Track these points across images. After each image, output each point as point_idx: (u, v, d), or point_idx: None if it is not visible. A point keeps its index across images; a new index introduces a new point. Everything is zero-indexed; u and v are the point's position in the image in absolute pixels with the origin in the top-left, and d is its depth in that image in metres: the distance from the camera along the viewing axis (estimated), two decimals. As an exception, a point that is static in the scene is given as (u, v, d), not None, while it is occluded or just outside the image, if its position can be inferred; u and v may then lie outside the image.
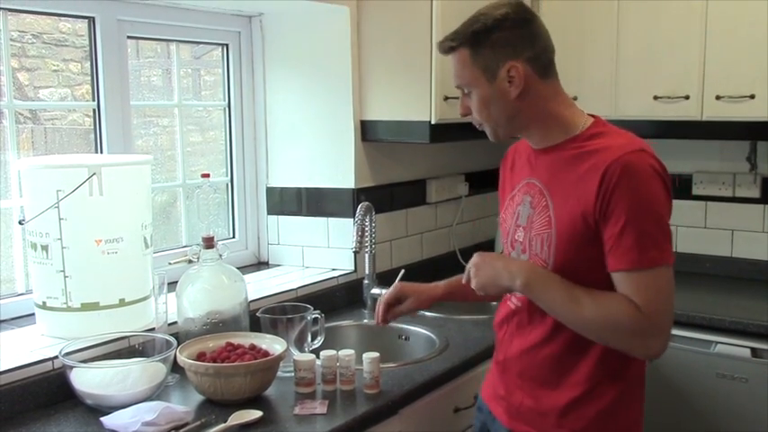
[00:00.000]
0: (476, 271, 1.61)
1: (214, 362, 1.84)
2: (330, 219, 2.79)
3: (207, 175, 2.22)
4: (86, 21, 2.32)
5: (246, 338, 1.98)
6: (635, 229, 1.45)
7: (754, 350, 2.48)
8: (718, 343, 2.54)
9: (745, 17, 2.66)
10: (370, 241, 2.65)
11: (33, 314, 2.04)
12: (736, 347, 2.51)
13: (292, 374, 1.92)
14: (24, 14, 2.22)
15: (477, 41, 1.56)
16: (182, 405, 1.77)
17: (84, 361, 1.84)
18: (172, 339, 1.92)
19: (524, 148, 1.72)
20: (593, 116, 1.63)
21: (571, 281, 1.52)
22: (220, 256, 2.10)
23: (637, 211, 1.46)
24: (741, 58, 2.68)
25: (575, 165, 1.53)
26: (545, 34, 1.63)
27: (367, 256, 2.68)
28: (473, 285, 1.62)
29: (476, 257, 1.62)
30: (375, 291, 2.67)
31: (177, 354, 1.85)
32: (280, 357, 1.88)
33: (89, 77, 2.36)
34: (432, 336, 2.38)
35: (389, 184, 2.92)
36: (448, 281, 1.97)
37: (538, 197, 1.60)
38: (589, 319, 1.49)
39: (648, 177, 1.48)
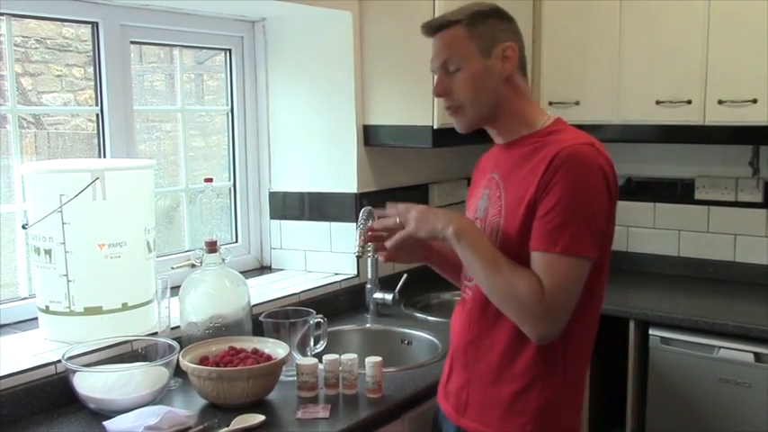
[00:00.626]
0: (417, 213, 1.61)
1: (217, 366, 1.84)
2: (333, 223, 2.79)
3: (210, 180, 2.23)
4: (90, 26, 2.33)
5: (249, 342, 1.98)
6: (560, 215, 1.47)
7: (757, 355, 2.48)
8: (720, 348, 2.54)
9: (748, 22, 2.66)
10: (373, 246, 2.65)
11: (36, 318, 2.04)
12: (739, 352, 2.50)
13: (295, 378, 1.92)
14: (28, 20, 2.23)
15: (475, 20, 1.60)
16: (184, 409, 1.77)
17: (87, 365, 1.84)
18: (174, 343, 1.92)
19: (493, 151, 1.76)
20: (557, 117, 1.68)
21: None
22: (223, 260, 2.10)
23: (568, 199, 1.48)
24: (743, 62, 2.68)
25: (528, 159, 1.58)
26: (522, 36, 1.69)
27: (369, 260, 2.68)
28: (410, 225, 1.61)
29: (416, 208, 1.63)
30: (377, 295, 2.67)
31: (180, 358, 1.85)
32: (282, 361, 1.88)
33: (92, 82, 2.36)
34: (434, 340, 2.38)
35: (392, 188, 2.92)
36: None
37: (494, 189, 1.64)
38: (499, 285, 1.52)
39: (590, 170, 1.50)
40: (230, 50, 2.80)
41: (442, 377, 1.80)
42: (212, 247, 2.08)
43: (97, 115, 2.37)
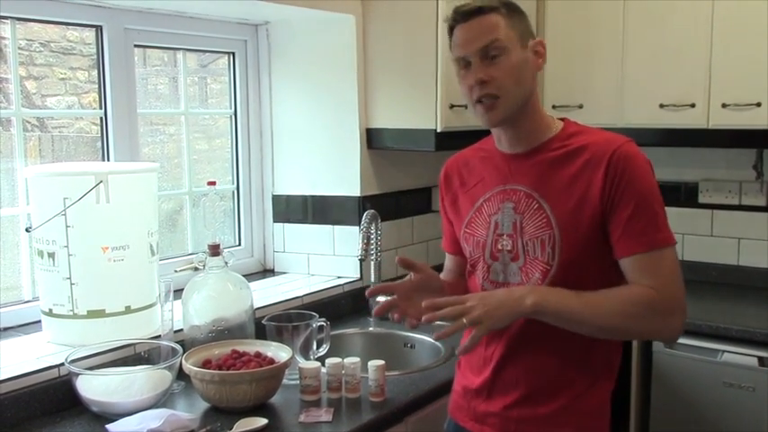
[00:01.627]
0: (483, 311, 1.44)
1: (219, 369, 1.84)
2: (336, 226, 2.79)
3: (213, 183, 2.23)
4: (94, 29, 2.33)
5: (252, 346, 1.98)
6: (644, 214, 1.49)
7: (761, 359, 2.47)
8: (724, 352, 2.53)
9: (751, 25, 2.66)
10: (376, 249, 2.65)
11: (40, 321, 2.05)
12: (743, 356, 2.50)
13: (298, 382, 1.92)
14: (32, 23, 2.24)
15: (512, 9, 1.56)
16: (187, 412, 1.77)
17: (90, 368, 1.84)
18: (177, 347, 1.92)
19: (479, 160, 1.69)
20: (560, 118, 1.67)
21: (575, 276, 1.52)
22: (226, 263, 2.10)
23: (644, 197, 1.50)
24: (747, 66, 2.68)
25: (564, 164, 1.55)
26: None
27: (372, 263, 2.68)
28: (484, 328, 1.44)
29: (471, 299, 1.46)
30: (380, 298, 2.66)
31: (183, 361, 1.85)
32: (285, 365, 1.88)
33: (96, 85, 2.37)
34: (437, 344, 2.38)
35: (395, 191, 2.92)
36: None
37: (525, 201, 1.58)
38: (608, 316, 1.49)
39: (646, 164, 1.54)
40: (234, 54, 2.80)
41: (468, 401, 1.70)
42: (215, 250, 2.08)
43: (101, 118, 2.37)
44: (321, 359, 2.00)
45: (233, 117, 2.85)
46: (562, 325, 1.50)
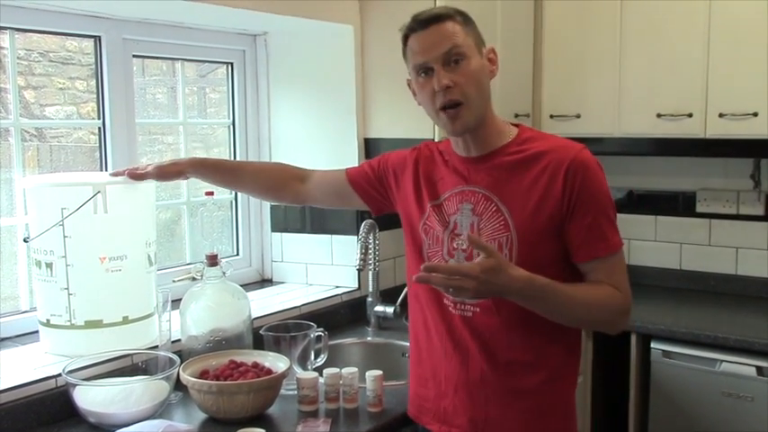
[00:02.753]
0: (472, 294, 1.46)
1: (217, 380, 1.84)
2: (334, 236, 2.79)
3: (211, 193, 2.23)
4: (93, 39, 2.34)
5: (250, 356, 1.98)
6: (602, 221, 1.57)
7: (759, 369, 2.47)
8: (723, 361, 2.53)
9: (748, 36, 2.67)
10: (374, 259, 2.65)
11: (37, 332, 2.04)
12: (742, 366, 2.50)
13: (295, 392, 1.91)
14: (31, 33, 2.24)
15: (466, 17, 1.62)
16: (185, 423, 1.76)
17: (88, 379, 1.84)
18: (175, 357, 1.92)
19: (440, 159, 1.73)
20: (514, 124, 1.70)
21: None
22: (224, 273, 2.10)
23: (601, 205, 1.58)
24: (744, 76, 2.69)
25: (522, 169, 1.60)
26: None
27: (371, 273, 2.68)
28: (467, 298, 1.57)
29: (472, 281, 1.43)
30: (378, 308, 2.67)
31: (180, 372, 1.85)
32: (283, 375, 1.87)
33: (95, 95, 2.37)
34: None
35: (393, 201, 2.92)
36: (202, 159, 2.13)
37: (483, 203, 1.62)
38: (586, 311, 1.58)
39: (600, 171, 1.60)
40: (232, 64, 2.81)
41: (429, 401, 1.74)
42: (213, 260, 2.08)
43: (99, 128, 2.37)
44: (319, 369, 1.99)
45: (231, 127, 2.85)
46: (540, 312, 1.55)
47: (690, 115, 2.79)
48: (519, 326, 1.61)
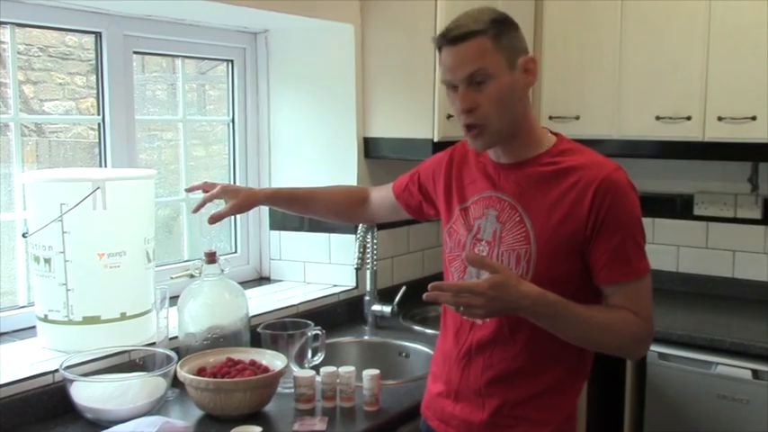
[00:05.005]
0: (483, 312, 1.45)
1: (214, 377, 1.84)
2: (332, 235, 2.80)
3: (210, 190, 2.23)
4: (93, 35, 2.34)
5: (247, 354, 1.98)
6: (629, 245, 1.53)
7: (755, 372, 2.47)
8: (718, 364, 2.54)
9: (748, 39, 2.68)
10: (372, 258, 2.66)
11: (35, 327, 2.04)
12: (737, 369, 2.50)
13: (292, 390, 1.92)
14: (31, 28, 2.24)
15: (499, 28, 1.52)
16: (181, 420, 1.76)
17: (85, 375, 1.84)
18: (172, 354, 1.92)
19: (475, 161, 1.70)
20: (553, 133, 1.66)
21: None
22: (222, 271, 2.11)
23: (629, 228, 1.53)
24: (743, 79, 2.69)
25: (551, 182, 1.56)
26: None
27: (368, 272, 2.68)
28: (479, 316, 1.55)
29: (481, 297, 1.42)
30: (376, 307, 2.67)
31: (177, 368, 1.85)
32: (280, 373, 1.88)
33: (94, 91, 2.37)
34: (432, 353, 2.37)
35: (392, 201, 2.92)
36: (275, 189, 2.13)
37: (508, 212, 1.59)
38: (597, 337, 1.54)
39: (632, 194, 1.55)
40: (232, 61, 2.81)
41: (436, 401, 1.75)
42: (211, 257, 2.08)
43: (99, 124, 2.37)
44: (316, 368, 1.99)
45: (231, 124, 2.85)
46: (551, 330, 1.52)
47: (689, 118, 2.79)
48: (522, 338, 1.59)
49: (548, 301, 1.47)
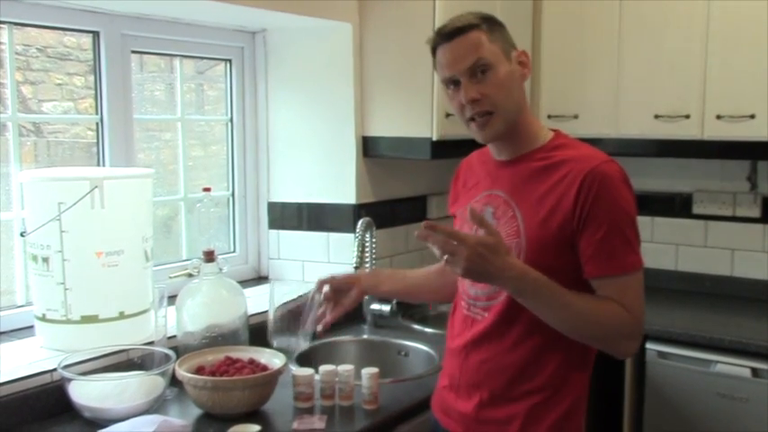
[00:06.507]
0: (465, 266, 1.43)
1: (213, 375, 1.84)
2: (331, 234, 2.79)
3: (208, 189, 2.23)
4: (91, 35, 2.34)
5: (245, 352, 1.98)
6: (616, 236, 1.51)
7: (754, 370, 2.47)
8: (718, 362, 2.54)
9: (746, 38, 2.68)
10: (371, 257, 2.65)
11: (33, 326, 2.04)
12: (737, 367, 2.50)
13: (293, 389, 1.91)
14: (29, 28, 2.24)
15: (492, 23, 1.58)
16: (180, 419, 1.76)
17: (83, 374, 1.84)
18: (171, 353, 1.92)
19: (479, 163, 1.73)
20: (552, 129, 1.67)
21: None
22: (221, 270, 2.11)
23: (616, 219, 1.51)
24: (742, 78, 2.70)
25: (542, 176, 1.57)
26: None
27: (367, 271, 2.68)
28: (458, 266, 1.45)
29: (466, 249, 1.42)
30: (374, 306, 2.67)
31: (176, 367, 1.85)
32: (278, 372, 1.87)
33: (92, 91, 2.37)
34: (431, 352, 2.38)
35: (390, 200, 2.92)
36: (373, 285, 2.00)
37: (502, 207, 1.61)
38: (581, 325, 1.52)
39: (622, 186, 1.54)
40: (230, 60, 2.81)
41: (441, 393, 1.78)
42: (210, 256, 2.08)
43: (97, 124, 2.37)
44: (315, 366, 1.99)
45: (229, 124, 2.85)
46: (534, 310, 1.52)
47: (687, 116, 2.79)
48: (515, 333, 1.59)
49: (531, 277, 1.47)
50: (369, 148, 2.75)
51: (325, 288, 1.90)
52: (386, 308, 2.65)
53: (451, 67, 1.57)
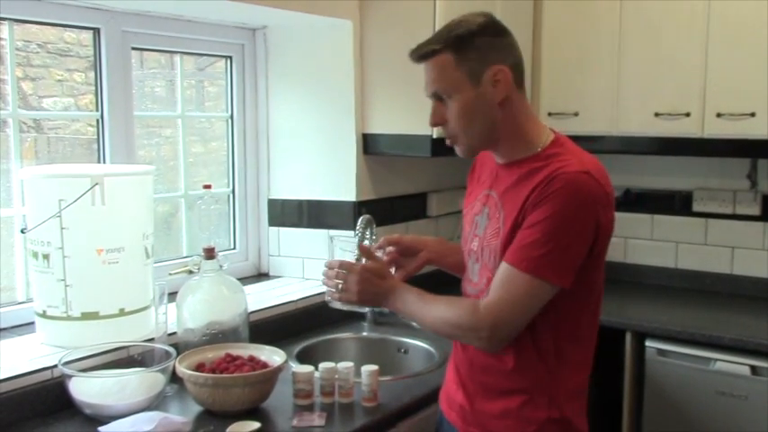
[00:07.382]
0: (354, 298, 1.68)
1: (213, 373, 1.84)
2: (331, 231, 2.80)
3: (208, 186, 2.23)
4: (91, 31, 2.33)
5: (245, 350, 1.98)
6: (538, 233, 1.47)
7: (753, 368, 2.48)
8: (717, 360, 2.54)
9: (747, 36, 2.68)
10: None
11: (33, 323, 2.04)
12: (736, 365, 2.51)
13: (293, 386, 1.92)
14: (30, 24, 2.24)
15: (461, 45, 1.52)
16: (180, 416, 1.77)
17: (84, 370, 1.84)
18: (171, 350, 1.92)
19: (489, 161, 1.72)
20: (556, 133, 1.63)
21: None
22: (221, 267, 2.11)
23: (552, 222, 1.46)
24: (742, 76, 2.69)
25: (525, 180, 1.55)
26: (518, 46, 1.61)
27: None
28: (340, 299, 1.71)
29: (355, 282, 1.66)
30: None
31: (176, 364, 1.85)
32: (278, 369, 1.88)
33: (93, 87, 2.37)
34: (431, 349, 2.38)
35: (390, 197, 2.92)
36: (437, 251, 1.94)
37: (494, 209, 1.62)
38: (432, 318, 1.61)
39: (581, 202, 1.48)
40: (231, 57, 2.81)
41: (446, 384, 1.80)
42: (210, 253, 2.09)
43: (97, 120, 2.37)
44: (315, 364, 1.99)
45: (229, 120, 2.85)
46: (409, 319, 1.69)
47: (687, 114, 2.79)
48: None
49: (402, 297, 1.65)
50: (369, 145, 2.75)
51: (390, 248, 1.87)
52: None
53: (425, 87, 1.62)
